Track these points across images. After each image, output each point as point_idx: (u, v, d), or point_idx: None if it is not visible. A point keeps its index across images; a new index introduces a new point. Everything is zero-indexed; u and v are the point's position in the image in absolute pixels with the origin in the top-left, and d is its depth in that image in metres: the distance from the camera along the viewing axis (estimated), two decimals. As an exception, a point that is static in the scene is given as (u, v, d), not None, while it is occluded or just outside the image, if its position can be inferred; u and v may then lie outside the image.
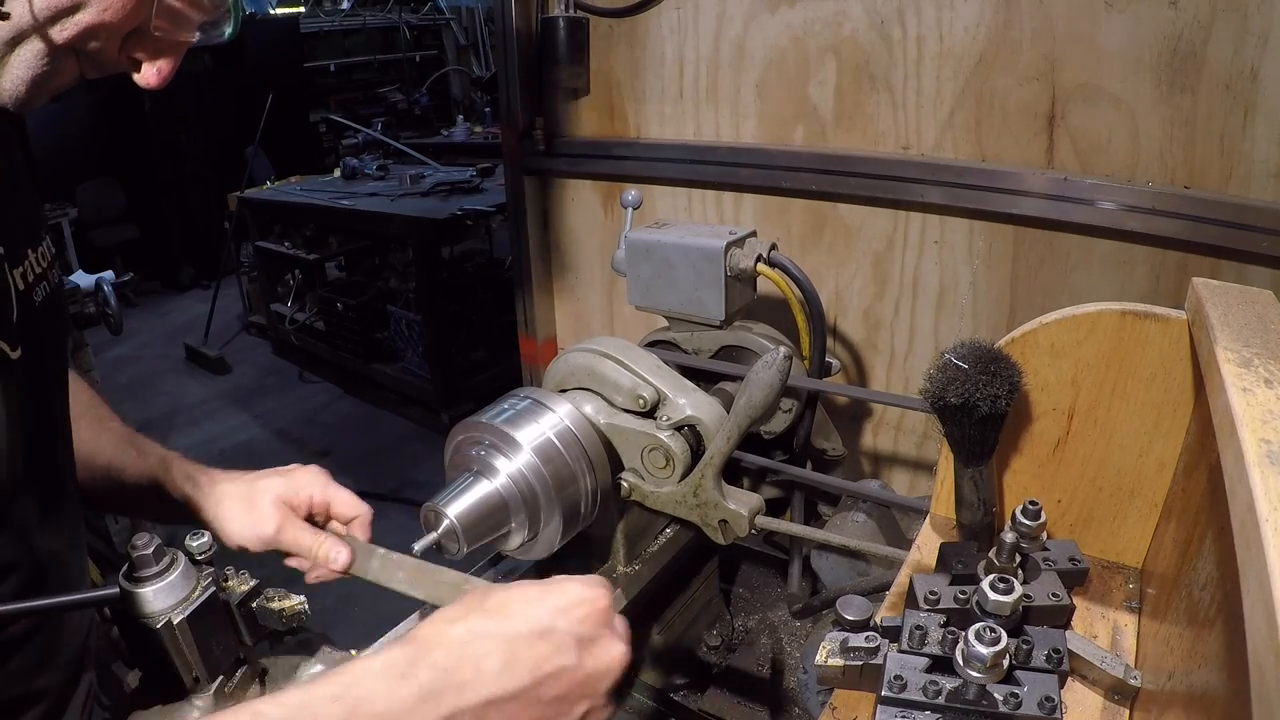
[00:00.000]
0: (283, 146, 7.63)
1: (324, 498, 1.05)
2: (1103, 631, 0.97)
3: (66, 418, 0.96)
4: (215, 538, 0.98)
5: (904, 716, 0.80)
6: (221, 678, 0.87)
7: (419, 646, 0.63)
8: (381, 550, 1.00)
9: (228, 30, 0.82)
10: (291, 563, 1.04)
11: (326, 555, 0.99)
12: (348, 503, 1.06)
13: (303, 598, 0.96)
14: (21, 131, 0.95)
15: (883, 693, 0.81)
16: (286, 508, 1.02)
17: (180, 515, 1.05)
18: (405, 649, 0.63)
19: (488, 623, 0.65)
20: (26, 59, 0.72)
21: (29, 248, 0.88)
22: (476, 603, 0.68)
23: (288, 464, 1.10)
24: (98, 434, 1.05)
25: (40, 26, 0.71)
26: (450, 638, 0.64)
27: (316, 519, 1.05)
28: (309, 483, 1.05)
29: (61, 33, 0.72)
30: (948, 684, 0.79)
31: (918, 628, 0.83)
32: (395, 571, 0.97)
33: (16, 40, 0.71)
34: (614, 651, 0.68)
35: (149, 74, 0.80)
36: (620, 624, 0.71)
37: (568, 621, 0.66)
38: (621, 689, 0.71)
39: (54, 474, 0.92)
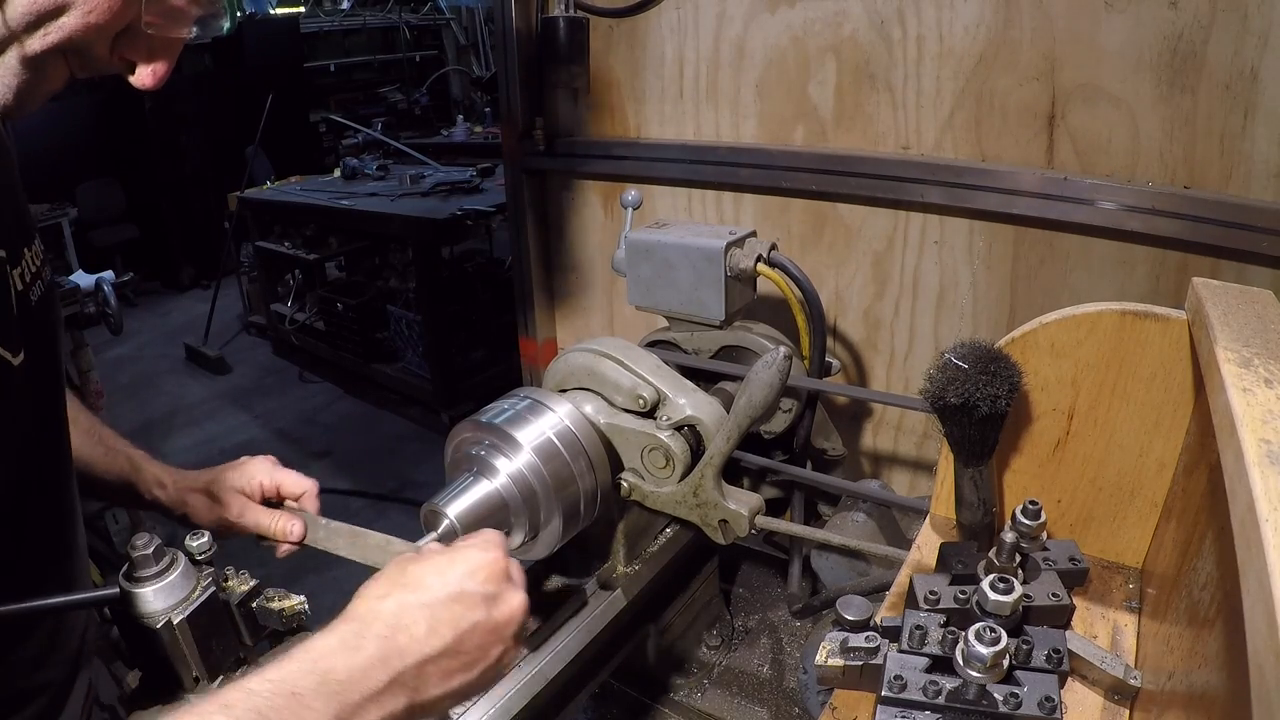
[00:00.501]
0: (283, 146, 7.62)
1: (272, 481, 1.18)
2: (1103, 631, 0.97)
3: (65, 417, 0.98)
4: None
5: (904, 716, 0.80)
6: (222, 678, 0.87)
7: (361, 622, 0.72)
8: (324, 520, 1.13)
9: (225, 24, 0.80)
10: (267, 543, 1.16)
11: (283, 530, 1.13)
12: (294, 481, 1.19)
13: (303, 598, 0.96)
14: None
15: (883, 693, 0.81)
16: (242, 495, 1.16)
17: (149, 509, 1.20)
18: (350, 625, 0.72)
19: (410, 595, 0.75)
20: (11, 66, 0.71)
21: (25, 246, 0.89)
22: (396, 578, 0.77)
23: (288, 464, 1.21)
24: None
25: (22, 33, 0.69)
26: (383, 612, 0.73)
27: (270, 500, 1.18)
28: (258, 471, 1.18)
29: (46, 38, 0.70)
30: (948, 684, 0.79)
31: (918, 628, 0.83)
32: (336, 539, 1.10)
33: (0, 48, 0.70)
34: (515, 601, 0.79)
35: (144, 75, 0.78)
36: (517, 573, 0.82)
37: (474, 583, 0.77)
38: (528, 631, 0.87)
39: (56, 476, 0.95)
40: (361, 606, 0.75)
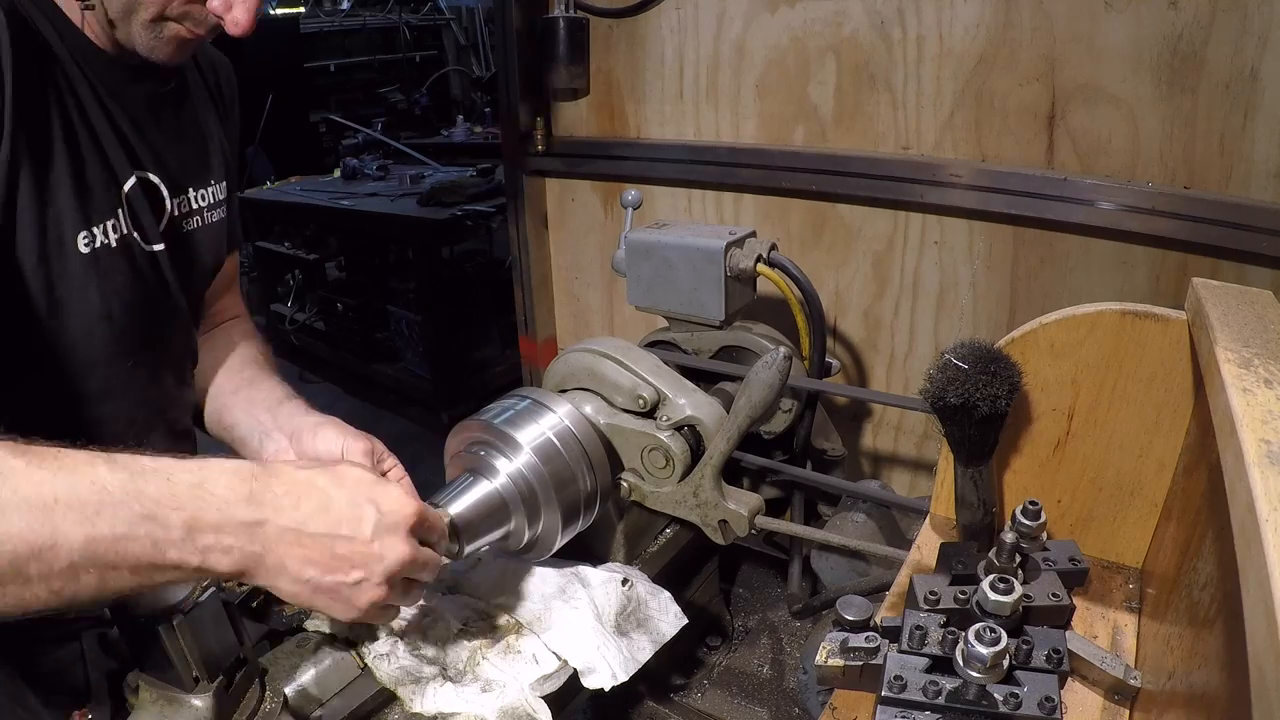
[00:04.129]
0: (283, 146, 7.61)
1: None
2: (1103, 631, 0.97)
3: (189, 318, 1.20)
4: None
5: (904, 716, 0.80)
6: (222, 677, 0.87)
7: (266, 470, 0.79)
8: None
9: None
10: None
11: None
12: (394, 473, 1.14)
13: (303, 598, 0.95)
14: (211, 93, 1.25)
15: (883, 693, 0.81)
16: None
17: None
18: (255, 467, 0.79)
19: (324, 479, 0.82)
20: (137, 31, 0.95)
21: (189, 186, 1.16)
22: (330, 468, 0.84)
23: None
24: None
25: (120, 17, 0.94)
26: (292, 476, 0.80)
27: None
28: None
29: (146, 11, 0.93)
30: (948, 684, 0.79)
31: (918, 628, 0.83)
32: None
33: (117, 22, 0.94)
34: (395, 551, 0.82)
35: (230, 25, 0.95)
36: (413, 542, 0.85)
37: (378, 511, 0.82)
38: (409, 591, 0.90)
39: (167, 355, 1.16)
40: (279, 464, 0.82)
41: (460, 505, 1.03)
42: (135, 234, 1.05)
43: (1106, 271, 1.69)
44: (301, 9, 9.97)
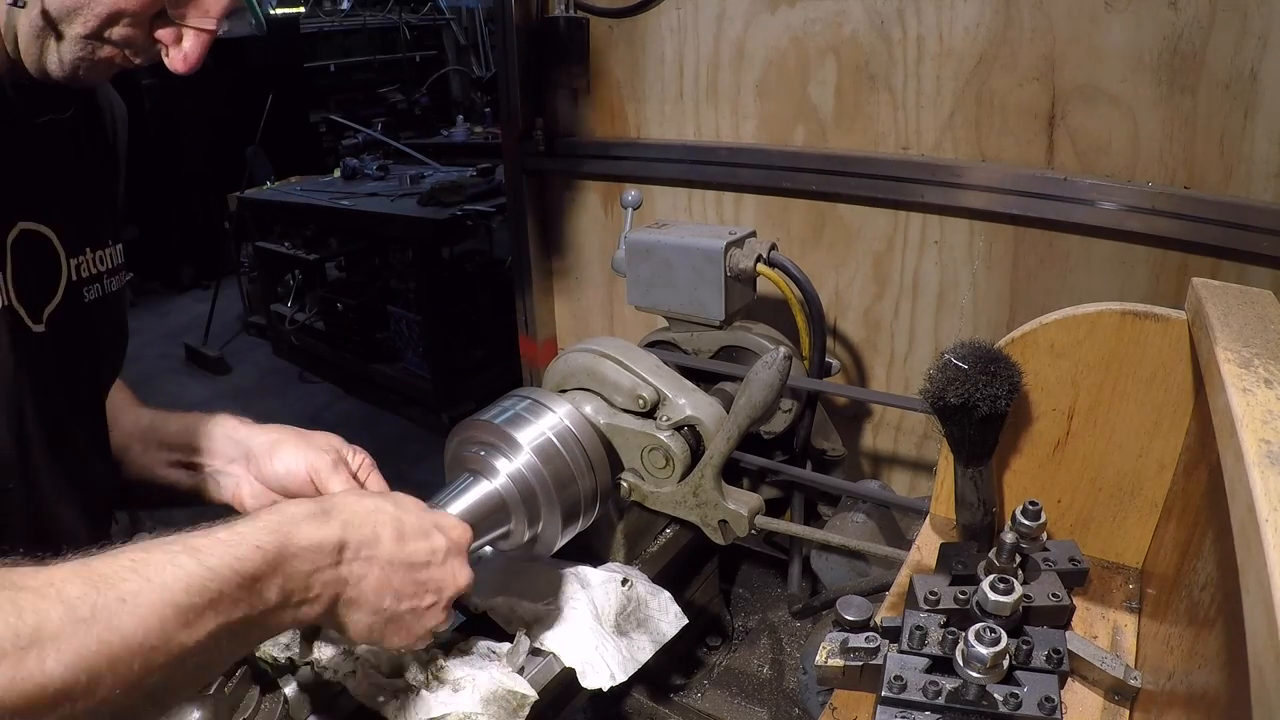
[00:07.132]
0: (283, 146, 7.61)
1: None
2: (1103, 631, 0.97)
3: (94, 409, 1.03)
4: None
5: (904, 716, 0.80)
6: (222, 677, 0.87)
7: (334, 506, 0.80)
8: None
9: (252, 22, 0.86)
10: None
11: None
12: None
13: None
14: (108, 143, 1.06)
15: (883, 693, 0.81)
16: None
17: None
18: (321, 504, 0.79)
19: (390, 506, 0.84)
20: (66, 44, 0.79)
21: (87, 245, 0.96)
22: (382, 494, 0.88)
23: None
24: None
25: (61, 19, 0.78)
26: (359, 507, 0.81)
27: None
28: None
29: (85, 23, 0.78)
30: (948, 684, 0.79)
31: (918, 628, 0.83)
32: None
33: (45, 31, 0.78)
34: (463, 574, 0.87)
35: (175, 59, 0.84)
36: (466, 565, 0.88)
37: (445, 536, 0.86)
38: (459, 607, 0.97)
39: (71, 452, 0.97)
40: (339, 499, 0.83)
41: (460, 505, 1.03)
42: (19, 305, 0.85)
43: (1106, 271, 1.69)
44: (301, 9, 9.96)
